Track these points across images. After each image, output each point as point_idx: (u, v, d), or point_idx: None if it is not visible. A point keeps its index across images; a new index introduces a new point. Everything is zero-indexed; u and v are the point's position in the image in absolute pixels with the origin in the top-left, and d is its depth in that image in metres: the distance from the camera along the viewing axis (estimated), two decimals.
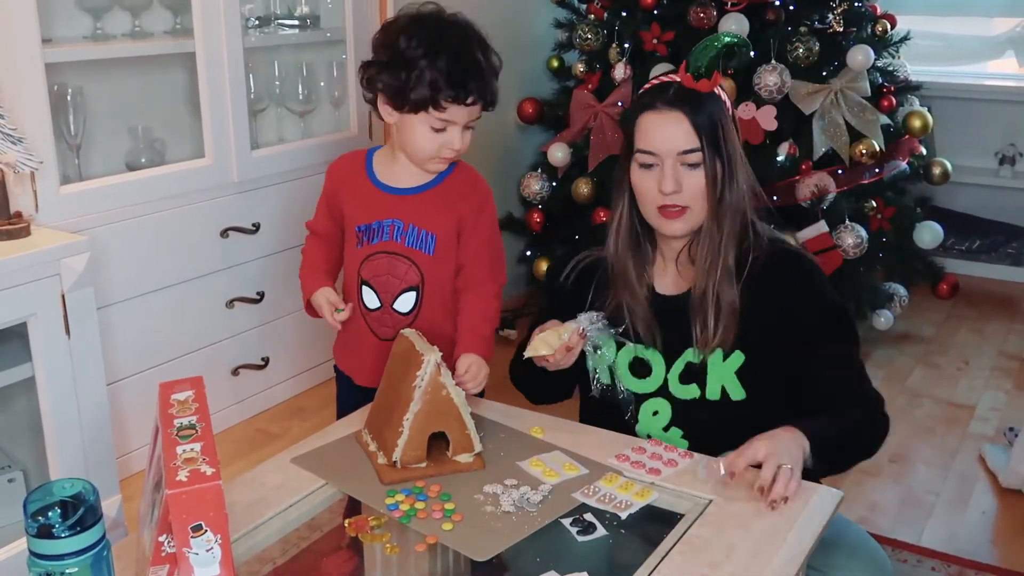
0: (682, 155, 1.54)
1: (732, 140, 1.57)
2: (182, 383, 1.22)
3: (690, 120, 1.53)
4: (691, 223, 1.58)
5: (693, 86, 1.56)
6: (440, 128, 1.71)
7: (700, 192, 1.55)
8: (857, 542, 1.55)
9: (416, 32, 1.69)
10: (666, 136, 1.54)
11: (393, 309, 1.81)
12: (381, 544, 1.36)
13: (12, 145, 1.93)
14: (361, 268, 1.81)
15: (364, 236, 1.81)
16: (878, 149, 3.06)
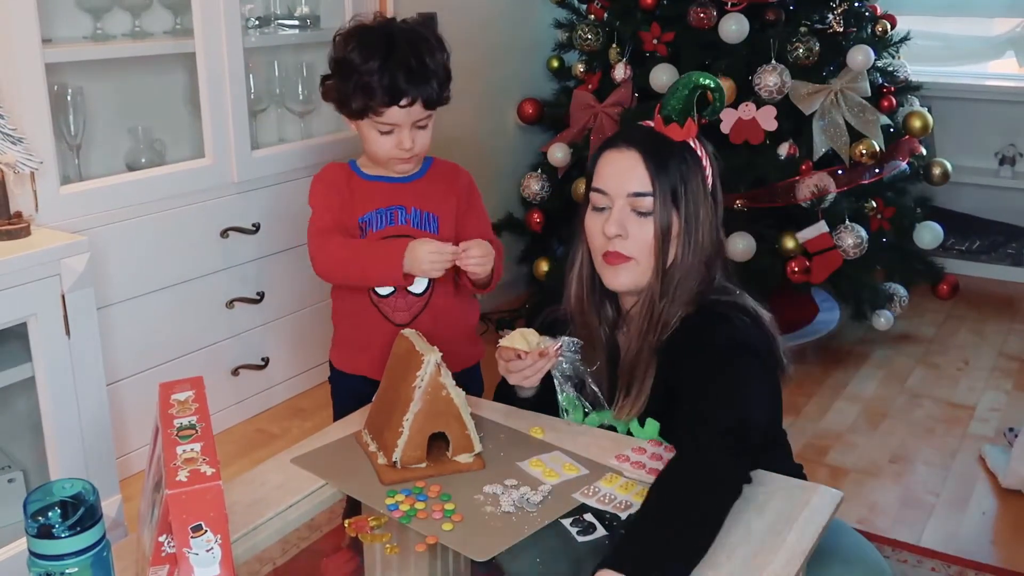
0: (632, 198, 1.45)
1: (696, 198, 1.46)
2: (182, 383, 1.22)
3: (645, 162, 1.44)
4: (636, 277, 1.49)
5: (662, 130, 1.48)
6: (387, 131, 1.76)
7: (647, 245, 1.46)
8: (854, 550, 1.54)
9: (357, 41, 1.74)
10: (618, 174, 1.46)
11: (407, 291, 1.83)
12: (381, 544, 1.36)
13: (12, 145, 1.93)
14: None
15: (368, 225, 1.83)
16: (878, 149, 3.06)
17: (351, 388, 1.91)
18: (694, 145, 1.48)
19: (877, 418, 2.91)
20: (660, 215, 1.44)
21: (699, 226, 1.47)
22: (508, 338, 1.50)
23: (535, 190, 3.44)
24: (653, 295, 1.48)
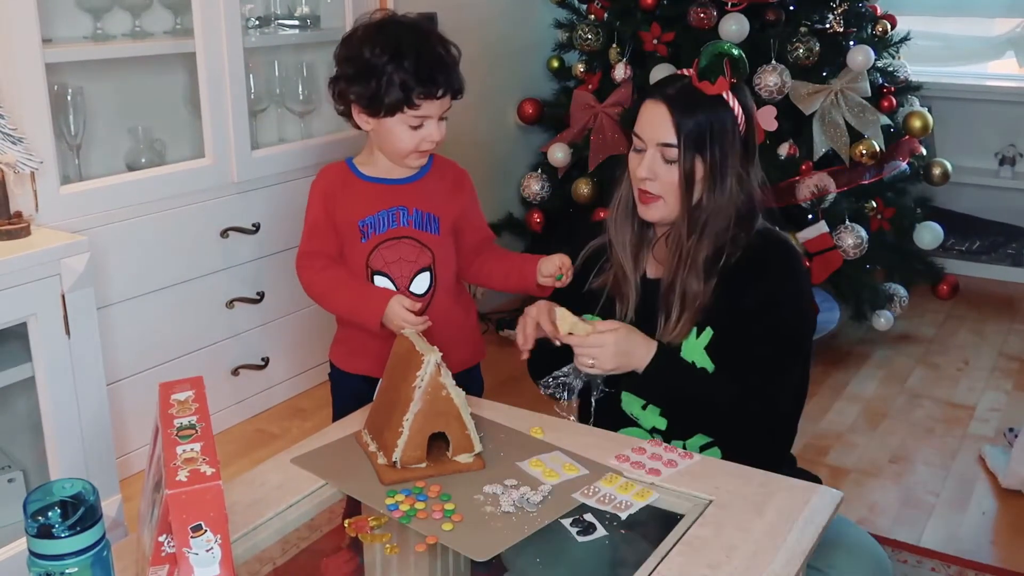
0: (661, 147, 1.60)
1: (724, 146, 1.60)
2: (182, 383, 1.22)
3: (672, 116, 1.58)
4: (664, 213, 1.64)
5: (696, 85, 1.61)
6: (417, 125, 1.79)
7: (674, 185, 1.61)
8: (857, 542, 1.55)
9: (377, 40, 1.76)
10: (650, 125, 1.61)
11: (410, 292, 1.85)
12: (381, 544, 1.36)
13: (12, 145, 1.93)
14: (370, 259, 1.84)
15: (370, 228, 1.84)
16: (878, 149, 3.06)
17: (351, 387, 1.91)
18: (727, 96, 1.60)
19: (877, 418, 2.91)
20: (684, 162, 1.59)
21: (726, 171, 1.60)
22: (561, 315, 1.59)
23: (535, 190, 3.45)
24: (680, 233, 1.63)
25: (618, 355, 1.56)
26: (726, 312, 1.61)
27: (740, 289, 1.61)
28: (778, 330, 1.62)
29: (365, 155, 1.90)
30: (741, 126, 1.61)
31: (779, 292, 1.63)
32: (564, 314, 1.59)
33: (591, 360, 1.56)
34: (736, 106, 1.61)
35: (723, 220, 1.61)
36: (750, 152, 1.65)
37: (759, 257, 1.62)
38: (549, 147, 3.38)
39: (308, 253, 1.87)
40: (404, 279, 1.84)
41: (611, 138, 3.20)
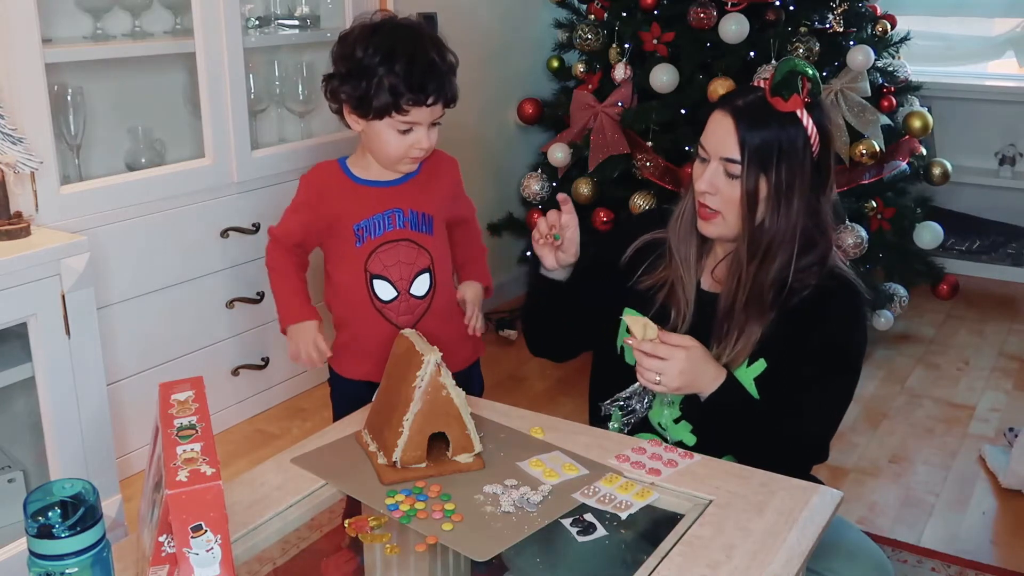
0: (724, 162, 1.54)
1: (792, 167, 1.52)
2: (182, 383, 1.22)
3: (738, 132, 1.52)
4: (722, 231, 1.58)
5: (768, 100, 1.54)
6: (406, 130, 1.76)
7: (734, 203, 1.54)
8: (857, 545, 1.55)
9: (371, 41, 1.74)
10: (715, 137, 1.56)
11: (410, 294, 1.84)
12: (381, 544, 1.36)
13: (12, 145, 1.93)
14: (368, 263, 1.83)
15: (365, 232, 1.83)
16: (878, 149, 3.06)
17: (353, 393, 1.90)
18: (800, 115, 1.53)
19: (877, 418, 2.91)
20: (747, 179, 1.52)
21: (792, 192, 1.53)
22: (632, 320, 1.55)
23: (535, 190, 3.44)
24: (741, 255, 1.56)
25: (685, 374, 1.50)
26: (784, 347, 1.57)
27: (804, 329, 1.56)
28: (839, 379, 1.59)
29: (358, 156, 1.89)
30: (815, 148, 1.53)
31: (847, 342, 1.58)
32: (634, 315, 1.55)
33: (657, 376, 1.50)
34: (811, 126, 1.53)
35: (787, 247, 1.54)
36: (823, 177, 1.57)
37: (829, 300, 1.56)
38: (549, 147, 3.38)
39: (274, 236, 1.91)
40: (404, 282, 1.84)
41: (611, 138, 3.20)
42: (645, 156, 3.14)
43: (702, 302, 1.63)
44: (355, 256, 1.83)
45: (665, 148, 3.11)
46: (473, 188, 3.63)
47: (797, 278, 1.56)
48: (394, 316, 1.85)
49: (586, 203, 3.29)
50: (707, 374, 1.53)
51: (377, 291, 1.84)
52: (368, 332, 1.86)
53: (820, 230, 1.57)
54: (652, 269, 1.68)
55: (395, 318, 1.85)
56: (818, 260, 1.57)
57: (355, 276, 1.84)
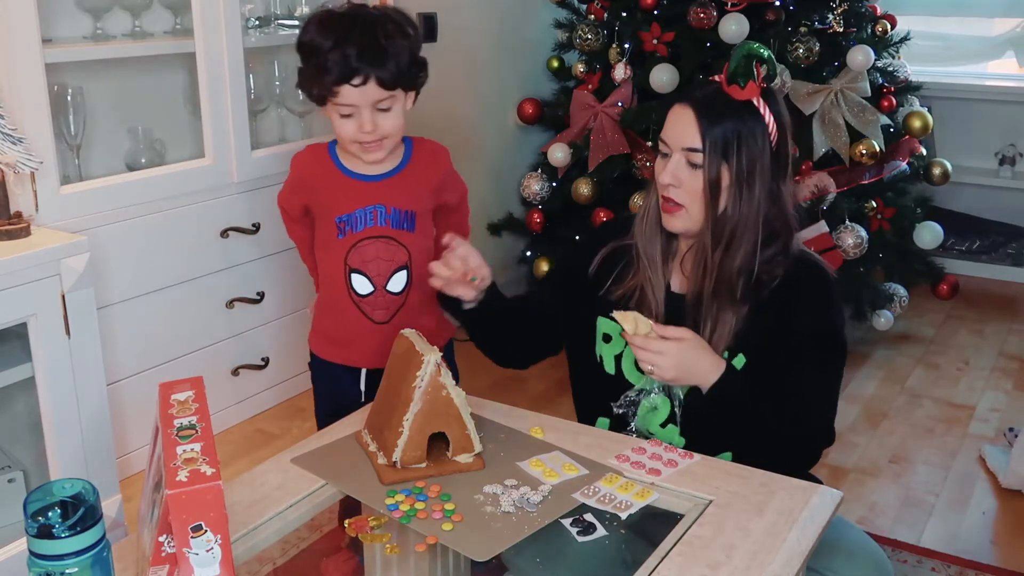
0: (685, 151, 1.55)
1: (752, 154, 1.53)
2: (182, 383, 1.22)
3: (698, 121, 1.53)
4: (688, 224, 1.59)
5: (725, 90, 1.55)
6: (347, 114, 1.74)
7: (698, 194, 1.55)
8: (857, 544, 1.55)
9: (317, 24, 1.74)
10: (675, 129, 1.57)
11: (386, 291, 1.84)
12: (381, 544, 1.36)
13: (12, 145, 1.93)
14: (348, 257, 1.83)
15: (347, 226, 1.83)
16: (878, 149, 3.06)
17: (330, 373, 1.94)
18: (756, 103, 1.55)
19: (877, 418, 2.91)
20: (709, 168, 1.53)
21: (753, 180, 1.54)
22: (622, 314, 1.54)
23: (535, 190, 3.44)
24: (706, 244, 1.57)
25: (679, 367, 1.50)
26: (761, 341, 1.57)
27: (779, 318, 1.56)
28: (831, 361, 1.59)
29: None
30: (772, 136, 1.55)
31: (828, 323, 1.59)
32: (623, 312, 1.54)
33: (650, 366, 1.50)
34: (768, 115, 1.55)
35: (751, 233, 1.55)
36: (782, 165, 1.58)
37: (798, 285, 1.57)
38: (549, 147, 3.38)
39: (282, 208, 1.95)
40: (381, 278, 1.84)
41: (611, 138, 3.20)
42: (645, 156, 3.14)
43: (672, 303, 1.63)
44: (336, 247, 1.84)
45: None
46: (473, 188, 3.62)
47: (764, 269, 1.56)
48: (370, 310, 1.86)
49: (586, 203, 3.29)
50: (701, 365, 1.52)
51: (355, 285, 1.85)
52: (344, 322, 1.88)
53: (782, 217, 1.59)
54: (621, 278, 1.67)
55: (370, 312, 1.86)
56: (782, 249, 1.58)
57: (335, 267, 1.85)
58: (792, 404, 1.55)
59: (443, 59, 3.37)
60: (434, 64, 3.35)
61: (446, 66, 3.39)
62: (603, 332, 1.68)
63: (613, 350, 1.67)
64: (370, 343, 1.86)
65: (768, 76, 1.57)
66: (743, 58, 1.54)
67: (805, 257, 1.62)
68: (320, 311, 1.96)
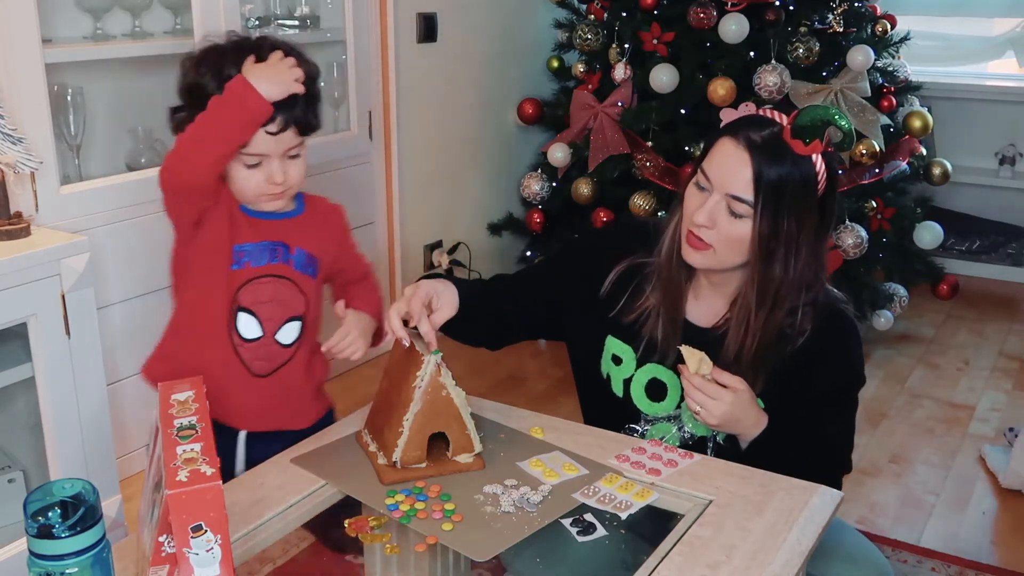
0: (730, 198, 1.44)
1: (800, 214, 1.44)
2: (182, 383, 1.22)
3: (754, 169, 1.41)
4: (711, 262, 1.50)
5: (788, 140, 1.43)
6: (255, 164, 1.54)
7: (731, 241, 1.45)
8: (856, 548, 1.55)
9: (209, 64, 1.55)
10: (725, 169, 1.44)
11: (275, 340, 1.63)
12: (381, 544, 1.36)
13: (12, 145, 1.93)
14: (239, 293, 1.60)
15: (246, 257, 1.60)
16: (878, 149, 3.06)
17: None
18: (814, 159, 1.44)
19: (877, 418, 2.91)
20: (760, 225, 1.43)
21: (800, 242, 1.45)
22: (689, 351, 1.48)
23: (535, 190, 3.44)
24: (750, 303, 1.49)
25: (728, 416, 1.45)
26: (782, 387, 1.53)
27: (801, 367, 1.52)
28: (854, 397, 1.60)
29: None
30: (821, 188, 1.45)
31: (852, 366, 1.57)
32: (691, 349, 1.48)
33: (699, 408, 1.46)
34: (821, 168, 1.44)
35: (794, 295, 1.48)
36: (826, 222, 1.50)
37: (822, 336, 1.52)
38: (549, 147, 3.38)
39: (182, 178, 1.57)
40: (273, 323, 1.63)
41: (611, 138, 3.20)
42: (645, 156, 3.14)
43: (688, 336, 1.55)
44: (224, 280, 1.59)
45: (665, 148, 3.11)
46: (473, 188, 3.65)
47: (796, 325, 1.50)
48: (250, 359, 1.63)
49: (586, 203, 3.29)
50: (748, 419, 1.49)
51: (240, 327, 1.61)
52: (213, 367, 1.58)
53: (819, 274, 1.52)
54: (635, 297, 1.58)
55: (250, 361, 1.63)
56: (811, 302, 1.51)
57: (219, 300, 1.60)
58: (820, 449, 1.56)
59: (443, 59, 3.38)
60: (434, 64, 3.38)
61: (446, 66, 3.40)
62: (612, 353, 1.61)
63: (623, 373, 1.61)
64: (246, 400, 1.63)
65: (841, 145, 1.48)
66: (820, 122, 1.43)
67: (829, 303, 1.55)
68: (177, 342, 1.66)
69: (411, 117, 3.28)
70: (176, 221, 1.62)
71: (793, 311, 1.50)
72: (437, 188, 3.47)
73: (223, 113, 1.49)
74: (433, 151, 3.41)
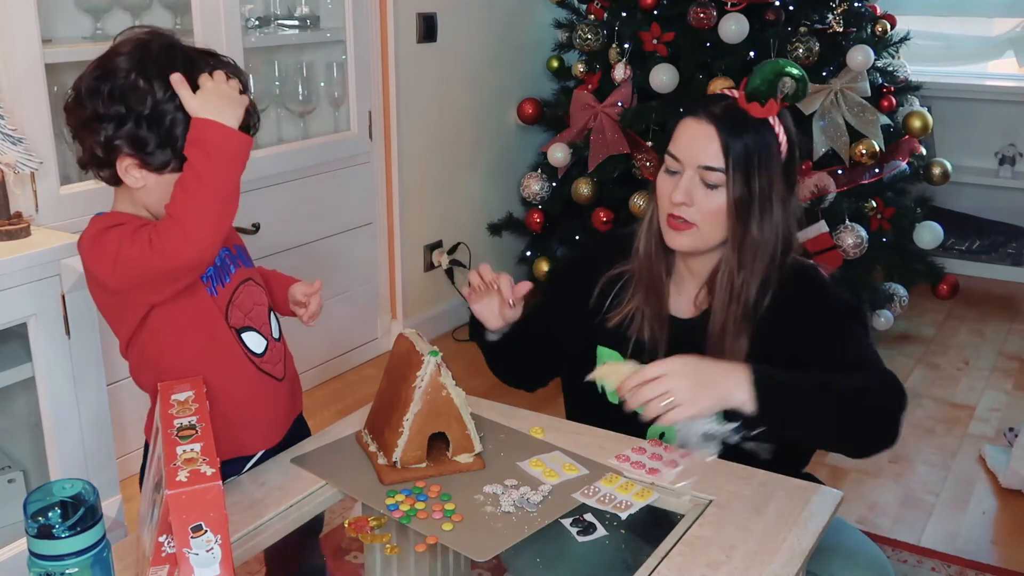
0: (702, 170, 1.48)
1: (769, 174, 1.48)
2: (182, 383, 1.22)
3: (721, 139, 1.47)
4: (697, 242, 1.52)
5: (744, 107, 1.49)
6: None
7: (712, 214, 1.49)
8: (856, 547, 1.54)
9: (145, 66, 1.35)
10: (692, 144, 1.50)
11: (275, 340, 1.55)
12: (381, 544, 1.36)
13: (12, 145, 1.93)
14: (230, 317, 1.47)
15: (215, 279, 1.46)
16: (878, 149, 3.06)
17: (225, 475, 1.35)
18: (772, 122, 1.50)
19: None
20: (732, 189, 1.47)
21: (772, 202, 1.49)
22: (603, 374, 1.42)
23: (535, 190, 3.45)
24: (732, 267, 1.51)
25: (694, 379, 1.33)
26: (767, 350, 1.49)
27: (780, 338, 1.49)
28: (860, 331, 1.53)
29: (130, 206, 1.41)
30: (783, 152, 1.51)
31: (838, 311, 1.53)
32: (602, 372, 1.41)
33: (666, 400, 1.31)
34: (781, 132, 1.50)
35: (768, 254, 1.51)
36: (791, 181, 1.54)
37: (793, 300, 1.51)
38: (549, 147, 3.38)
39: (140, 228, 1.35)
40: (267, 327, 1.54)
41: (611, 138, 3.20)
42: (645, 156, 3.14)
43: (674, 329, 1.56)
44: (212, 310, 1.45)
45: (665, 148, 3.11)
46: (473, 188, 3.65)
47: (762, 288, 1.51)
48: (270, 367, 1.53)
49: (586, 203, 3.29)
50: (717, 369, 1.36)
51: (250, 346, 1.50)
52: (249, 394, 1.50)
53: (790, 236, 1.54)
54: (618, 303, 1.60)
55: (271, 369, 1.54)
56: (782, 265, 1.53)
57: (219, 335, 1.46)
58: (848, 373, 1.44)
59: (443, 59, 3.38)
60: (434, 64, 3.38)
61: (446, 66, 3.40)
62: (604, 361, 1.60)
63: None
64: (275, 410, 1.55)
65: (796, 94, 1.50)
66: (770, 74, 1.48)
67: (793, 265, 1.56)
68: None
69: (411, 117, 3.28)
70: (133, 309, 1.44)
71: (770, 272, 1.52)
72: (437, 188, 3.47)
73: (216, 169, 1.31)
74: (433, 151, 3.41)
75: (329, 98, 2.99)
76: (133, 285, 1.37)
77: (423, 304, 3.53)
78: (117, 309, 1.46)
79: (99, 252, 1.36)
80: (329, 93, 2.98)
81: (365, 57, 3.03)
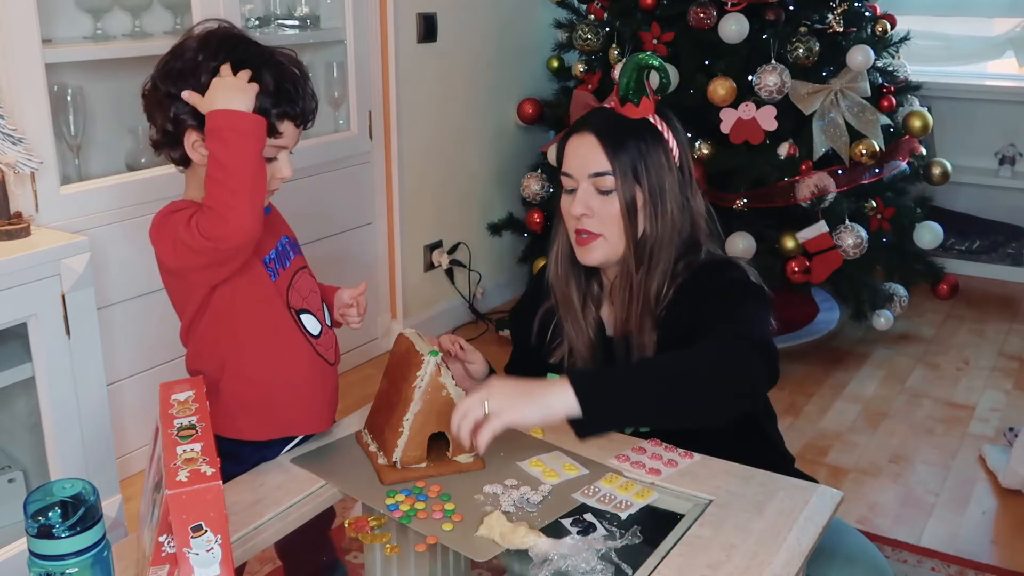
0: (593, 178, 1.51)
1: (659, 171, 1.51)
2: (182, 383, 1.22)
3: (602, 144, 1.50)
4: (607, 252, 1.54)
5: (620, 111, 1.53)
6: (271, 157, 1.46)
7: (613, 219, 1.51)
8: (856, 549, 1.54)
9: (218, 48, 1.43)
10: (578, 157, 1.53)
11: (328, 326, 1.61)
12: (381, 544, 1.36)
13: (12, 145, 1.94)
14: (290, 300, 1.53)
15: (276, 263, 1.53)
16: (878, 149, 3.06)
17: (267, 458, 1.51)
18: (654, 121, 1.53)
19: (877, 418, 2.91)
20: (623, 190, 1.50)
21: (665, 198, 1.52)
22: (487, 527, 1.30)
23: (535, 190, 3.45)
24: (629, 266, 1.53)
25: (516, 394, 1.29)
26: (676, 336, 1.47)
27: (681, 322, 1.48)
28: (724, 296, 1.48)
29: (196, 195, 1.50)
30: (674, 151, 1.53)
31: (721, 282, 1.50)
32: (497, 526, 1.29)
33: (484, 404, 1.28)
34: (665, 130, 1.53)
35: (668, 251, 1.52)
36: (687, 178, 1.56)
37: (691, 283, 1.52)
38: (549, 147, 3.38)
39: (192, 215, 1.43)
40: (321, 313, 1.60)
41: None
42: None
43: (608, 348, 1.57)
44: (273, 293, 1.51)
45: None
46: (473, 188, 3.65)
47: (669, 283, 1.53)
48: (324, 351, 1.58)
49: None
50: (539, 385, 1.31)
51: (308, 327, 1.55)
52: (306, 375, 1.54)
53: (694, 231, 1.56)
54: (553, 339, 1.64)
55: (325, 353, 1.58)
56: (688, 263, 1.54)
57: (279, 317, 1.52)
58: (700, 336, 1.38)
59: (443, 59, 3.38)
60: (434, 64, 3.38)
61: (446, 66, 3.40)
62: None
63: None
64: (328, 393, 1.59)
65: (662, 85, 1.53)
66: (633, 71, 1.50)
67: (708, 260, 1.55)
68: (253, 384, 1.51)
69: (411, 117, 3.28)
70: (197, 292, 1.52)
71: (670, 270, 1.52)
72: (437, 188, 3.47)
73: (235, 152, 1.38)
74: (433, 151, 3.41)
75: (329, 98, 2.99)
76: (190, 267, 1.46)
77: (423, 304, 3.54)
78: (181, 291, 1.56)
79: (163, 235, 1.46)
80: (329, 93, 2.98)
81: (365, 57, 3.04)
